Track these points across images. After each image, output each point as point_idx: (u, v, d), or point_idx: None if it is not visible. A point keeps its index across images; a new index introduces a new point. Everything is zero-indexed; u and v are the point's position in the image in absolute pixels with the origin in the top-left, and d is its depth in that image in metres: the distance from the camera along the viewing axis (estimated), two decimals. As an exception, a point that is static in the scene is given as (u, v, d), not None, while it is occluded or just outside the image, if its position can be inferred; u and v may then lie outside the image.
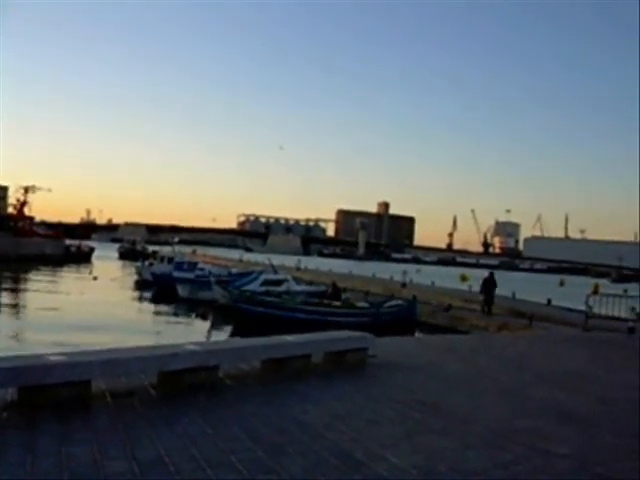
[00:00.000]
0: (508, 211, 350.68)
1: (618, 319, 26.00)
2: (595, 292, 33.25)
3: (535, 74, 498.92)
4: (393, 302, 40.73)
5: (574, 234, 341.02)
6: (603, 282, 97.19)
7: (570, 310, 38.30)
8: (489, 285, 29.63)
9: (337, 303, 38.69)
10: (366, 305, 38.91)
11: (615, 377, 14.11)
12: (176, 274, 54.09)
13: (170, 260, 61.73)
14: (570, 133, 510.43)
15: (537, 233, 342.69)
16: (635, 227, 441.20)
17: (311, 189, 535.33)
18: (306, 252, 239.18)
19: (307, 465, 6.46)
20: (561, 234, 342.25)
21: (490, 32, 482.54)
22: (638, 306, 27.84)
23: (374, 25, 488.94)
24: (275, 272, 51.43)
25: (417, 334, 34.79)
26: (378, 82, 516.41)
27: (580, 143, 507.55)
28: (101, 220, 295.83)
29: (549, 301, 46.37)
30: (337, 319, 33.42)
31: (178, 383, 9.64)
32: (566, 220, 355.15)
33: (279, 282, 46.40)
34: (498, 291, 57.05)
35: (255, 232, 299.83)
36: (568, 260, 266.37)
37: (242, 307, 37.53)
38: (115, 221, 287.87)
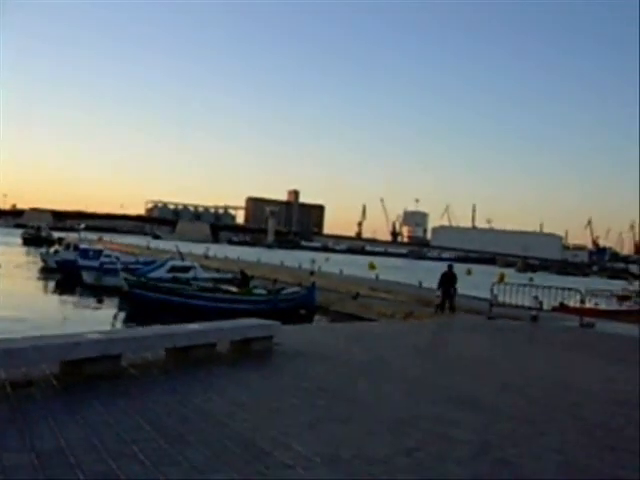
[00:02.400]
0: (417, 201, 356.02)
1: (522, 307, 26.53)
2: (501, 281, 33.92)
3: (444, 66, 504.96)
4: (291, 289, 40.82)
5: (481, 224, 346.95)
6: (509, 271, 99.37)
7: (476, 299, 38.89)
8: (448, 279, 28.56)
9: (234, 290, 38.46)
10: (264, 292, 38.81)
11: (516, 364, 14.41)
12: (81, 261, 53.08)
13: (76, 247, 60.55)
14: (477, 124, 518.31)
15: (445, 223, 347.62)
16: (540, 218, 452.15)
17: (221, 176, 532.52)
18: (215, 240, 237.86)
19: (210, 454, 6.45)
20: (468, 224, 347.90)
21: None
22: (541, 295, 28.50)
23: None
24: (182, 259, 50.97)
25: (325, 322, 34.93)
26: (289, 67, 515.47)
27: (487, 133, 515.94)
28: (5, 205, 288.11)
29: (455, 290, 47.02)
30: (234, 306, 33.28)
31: (80, 372, 9.49)
32: (473, 210, 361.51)
33: (186, 269, 46.02)
34: (406, 279, 57.97)
35: (163, 219, 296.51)
36: (475, 249, 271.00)
37: (137, 293, 37.07)
38: (20, 207, 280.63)
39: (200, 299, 35.41)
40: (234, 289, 38.51)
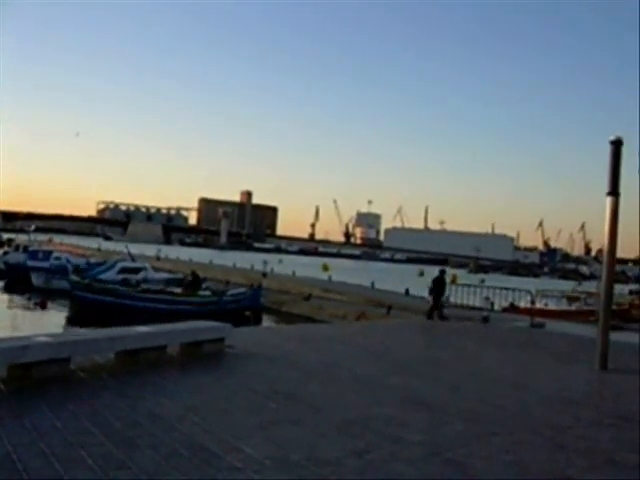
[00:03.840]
0: (370, 202, 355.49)
1: (473, 308, 26.77)
2: (453, 282, 34.16)
3: (396, 66, 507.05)
4: (237, 290, 40.79)
5: (434, 225, 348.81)
6: (461, 272, 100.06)
7: (428, 300, 39.13)
8: (440, 285, 26.72)
9: (179, 291, 38.31)
10: (208, 294, 38.70)
11: (467, 364, 14.50)
12: (30, 263, 52.58)
13: (25, 248, 59.91)
14: (429, 125, 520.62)
15: (398, 224, 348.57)
16: (492, 220, 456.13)
17: (173, 177, 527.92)
18: (167, 241, 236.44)
19: (159, 458, 6.40)
20: (421, 225, 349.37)
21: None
22: (492, 296, 28.79)
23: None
24: (133, 260, 50.62)
25: (277, 324, 34.91)
26: (241, 67, 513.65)
27: (439, 135, 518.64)
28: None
29: (407, 291, 47.32)
30: (178, 307, 33.25)
31: (29, 376, 9.37)
32: (426, 212, 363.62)
33: (136, 270, 45.73)
34: (359, 281, 58.13)
35: (115, 220, 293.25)
36: (428, 251, 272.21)
37: (79, 295, 36.76)
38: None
39: (144, 301, 35.25)
40: (179, 290, 38.32)
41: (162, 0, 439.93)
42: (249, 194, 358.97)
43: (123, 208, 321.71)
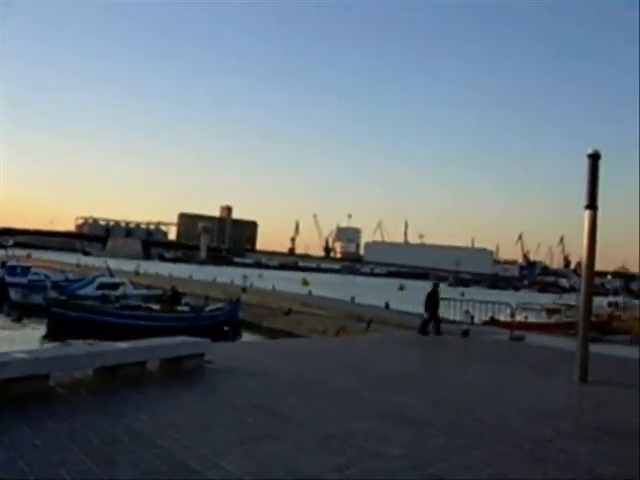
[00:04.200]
0: (349, 216, 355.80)
1: (454, 322, 26.81)
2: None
3: (375, 80, 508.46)
4: (215, 306, 40.71)
5: (413, 239, 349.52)
6: (442, 286, 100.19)
7: (408, 314, 39.18)
8: (434, 299, 25.62)
9: (156, 307, 38.16)
10: (186, 309, 38.59)
11: (448, 378, 14.52)
12: (8, 279, 52.28)
13: (3, 264, 59.57)
14: (408, 139, 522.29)
15: (377, 238, 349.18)
16: (472, 233, 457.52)
17: (153, 192, 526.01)
18: (147, 256, 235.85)
19: (139, 475, 6.35)
20: (401, 239, 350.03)
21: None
22: (472, 309, 28.86)
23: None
24: (111, 276, 50.42)
25: (257, 339, 34.83)
26: (220, 80, 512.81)
27: (419, 149, 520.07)
28: None
29: (387, 305, 47.37)
30: (156, 323, 33.08)
31: (7, 393, 9.27)
32: (406, 225, 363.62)
33: (115, 286, 45.54)
34: (339, 295, 58.15)
35: (94, 235, 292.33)
36: (408, 265, 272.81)
37: (55, 311, 36.56)
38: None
39: (122, 317, 35.03)
40: (157, 306, 38.17)
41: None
42: (229, 209, 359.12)
43: (102, 223, 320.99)
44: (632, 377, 16.56)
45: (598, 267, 16.47)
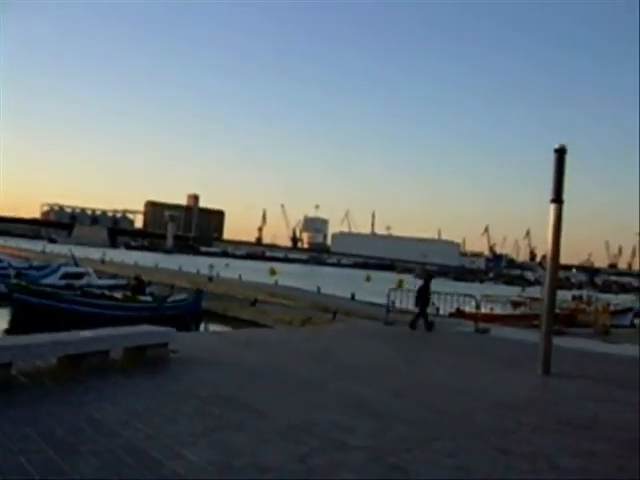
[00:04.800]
0: (317, 207, 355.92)
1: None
2: (399, 287, 34.30)
3: (342, 69, 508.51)
4: (179, 296, 40.54)
5: (380, 230, 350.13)
6: (408, 278, 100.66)
7: (373, 304, 39.24)
8: (425, 294, 24.83)
9: (118, 296, 37.89)
10: (149, 299, 38.39)
11: (412, 369, 14.59)
12: (-29, 266, 51.67)
13: (-35, 251, 58.97)
14: (375, 130, 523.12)
15: (345, 229, 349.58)
16: (438, 225, 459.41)
17: (119, 179, 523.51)
18: (113, 244, 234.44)
19: (100, 465, 6.31)
20: (368, 230, 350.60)
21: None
22: (438, 301, 28.95)
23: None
24: (76, 265, 49.94)
25: (222, 329, 34.73)
26: (191, 68, 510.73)
27: (386, 140, 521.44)
28: None
29: (353, 296, 47.42)
30: (118, 313, 32.84)
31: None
32: (373, 217, 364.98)
33: (79, 275, 45.07)
34: (306, 285, 58.15)
35: (60, 223, 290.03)
36: (374, 256, 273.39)
37: (18, 298, 36.20)
38: None
39: (84, 305, 34.73)
40: (119, 295, 37.89)
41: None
42: (196, 198, 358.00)
43: (68, 210, 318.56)
44: (594, 370, 16.75)
45: (563, 261, 16.63)
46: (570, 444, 8.62)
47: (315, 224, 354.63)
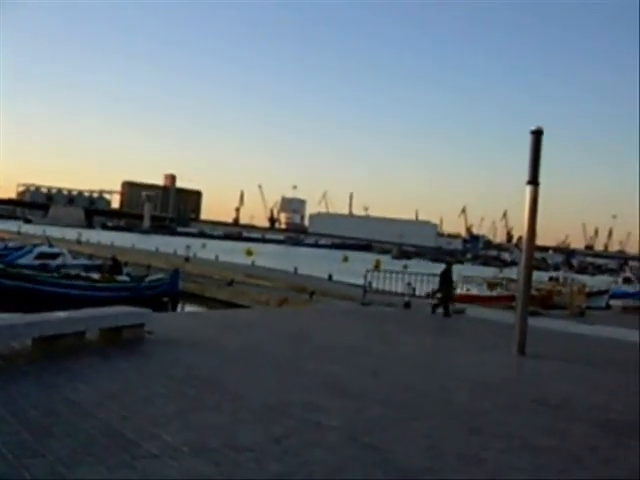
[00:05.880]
0: (294, 187, 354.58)
1: (396, 294, 26.98)
2: (376, 268, 34.36)
3: (321, 51, 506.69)
4: (156, 276, 40.43)
5: (358, 211, 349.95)
6: (385, 258, 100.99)
7: (351, 285, 39.36)
8: (448, 278, 25.03)
9: (96, 277, 37.74)
10: (127, 279, 38.26)
11: (388, 349, 14.63)
12: (-56, 247, 51.35)
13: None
14: (353, 111, 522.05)
15: (322, 209, 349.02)
16: (416, 206, 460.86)
17: (96, 159, 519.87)
18: (89, 224, 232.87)
19: (75, 446, 6.28)
20: (346, 211, 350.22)
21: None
22: (414, 281, 29.06)
23: None
24: (50, 246, 49.64)
25: (198, 309, 34.72)
26: (169, 50, 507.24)
27: (363, 121, 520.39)
28: None
29: (330, 276, 47.52)
30: (95, 294, 32.72)
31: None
32: (350, 197, 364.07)
33: (54, 256, 44.79)
34: (283, 266, 58.18)
35: (36, 203, 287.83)
36: (352, 236, 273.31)
37: None
38: None
39: (61, 286, 34.55)
40: (97, 276, 37.73)
41: None
42: (173, 178, 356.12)
43: (44, 191, 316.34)
44: (569, 350, 16.90)
45: (540, 242, 16.79)
46: (544, 424, 8.71)
47: (293, 205, 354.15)
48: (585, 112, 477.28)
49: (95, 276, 37.56)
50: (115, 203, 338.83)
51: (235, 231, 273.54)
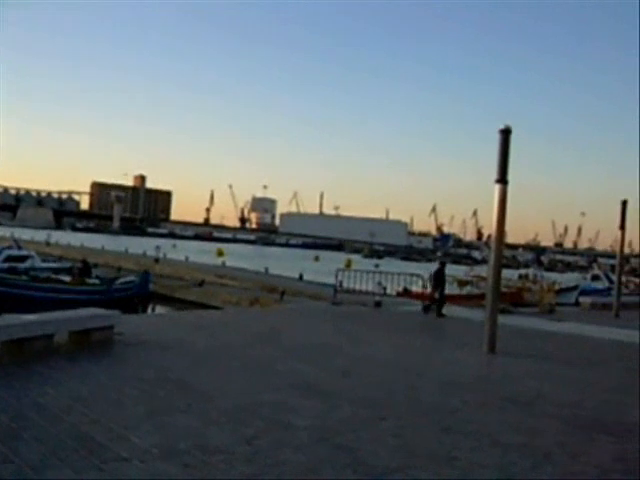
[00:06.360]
0: (265, 187, 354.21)
1: (366, 293, 27.02)
2: (347, 267, 34.44)
3: (285, 51, 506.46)
4: (126, 278, 40.24)
5: (329, 211, 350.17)
6: (356, 257, 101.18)
7: (322, 285, 39.41)
8: (441, 278, 24.96)
9: (67, 279, 37.50)
10: (97, 282, 38.06)
11: (358, 349, 14.64)
12: None
13: None
14: (322, 110, 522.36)
15: (293, 209, 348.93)
16: (386, 205, 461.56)
17: (65, 160, 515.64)
18: (59, 226, 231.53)
19: (44, 450, 6.26)
20: (316, 210, 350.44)
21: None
22: (385, 280, 29.13)
23: None
24: (19, 248, 49.22)
25: (169, 311, 34.61)
26: (137, 49, 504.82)
27: (333, 120, 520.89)
28: None
29: (301, 276, 47.55)
30: (66, 296, 32.48)
31: None
32: (321, 197, 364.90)
33: (23, 258, 44.43)
34: (254, 266, 58.13)
35: (4, 205, 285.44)
36: (323, 236, 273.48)
37: None
38: None
39: (33, 290, 34.31)
40: (67, 279, 37.49)
41: None
42: (143, 178, 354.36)
43: (12, 192, 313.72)
44: (539, 348, 16.99)
45: (511, 240, 16.94)
46: (513, 421, 8.77)
47: (263, 204, 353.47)
48: (554, 110, 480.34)
49: (66, 279, 37.34)
50: (84, 204, 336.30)
51: (206, 231, 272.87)
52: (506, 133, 15.37)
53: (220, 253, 67.23)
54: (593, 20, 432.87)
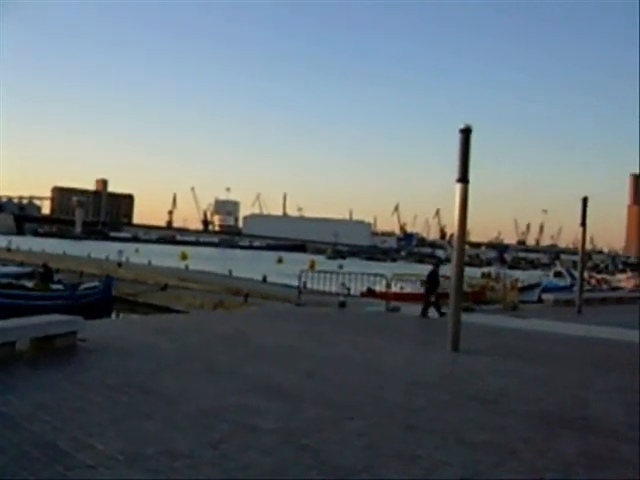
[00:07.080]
0: (228, 189, 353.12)
1: (330, 294, 27.07)
2: (311, 268, 34.42)
3: (256, 55, 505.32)
4: (91, 284, 39.87)
5: (292, 212, 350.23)
6: (320, 258, 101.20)
7: (285, 286, 39.34)
8: (435, 279, 24.74)
9: (29, 285, 37.08)
10: (61, 287, 37.67)
11: (323, 350, 14.66)
12: None
13: None
14: (285, 112, 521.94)
15: (256, 211, 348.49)
16: (350, 206, 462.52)
17: (25, 165, 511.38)
18: (20, 231, 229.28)
19: (7, 460, 6.19)
20: (280, 212, 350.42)
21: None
22: (349, 281, 29.20)
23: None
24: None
25: (132, 315, 34.38)
26: (101, 52, 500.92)
27: (294, 122, 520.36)
28: None
29: (265, 278, 47.42)
30: (29, 303, 32.07)
31: None
32: (284, 198, 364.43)
33: None
34: (217, 269, 57.91)
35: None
36: (287, 237, 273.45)
37: None
38: None
39: None
40: (30, 285, 37.08)
41: None
42: (104, 182, 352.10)
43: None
44: (502, 345, 17.13)
45: (474, 239, 17.02)
46: (478, 419, 8.83)
47: (226, 207, 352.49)
48: (515, 108, 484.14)
49: (29, 284, 36.92)
50: (46, 209, 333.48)
51: (169, 234, 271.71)
52: (466, 132, 15.45)
53: (184, 256, 66.95)
54: (548, 14, 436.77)
